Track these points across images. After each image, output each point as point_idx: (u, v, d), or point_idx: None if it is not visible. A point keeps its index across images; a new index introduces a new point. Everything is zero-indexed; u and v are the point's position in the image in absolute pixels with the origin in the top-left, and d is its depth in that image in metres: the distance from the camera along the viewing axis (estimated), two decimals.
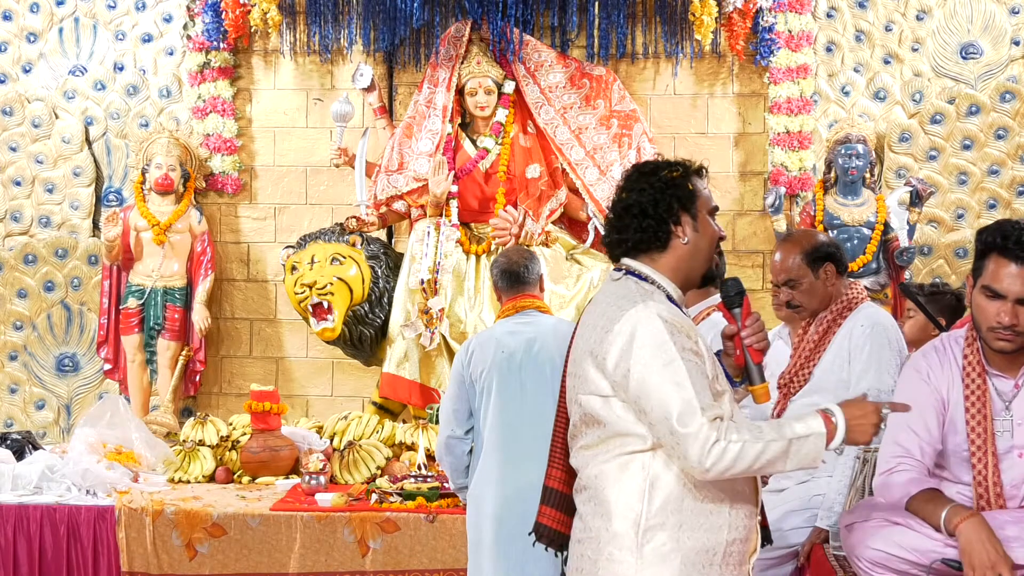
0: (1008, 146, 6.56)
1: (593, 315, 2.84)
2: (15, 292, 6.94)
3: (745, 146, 6.67)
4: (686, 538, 2.70)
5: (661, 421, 2.63)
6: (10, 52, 6.95)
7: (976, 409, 3.16)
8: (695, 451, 2.59)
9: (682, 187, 2.83)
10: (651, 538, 2.70)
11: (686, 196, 2.83)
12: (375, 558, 4.71)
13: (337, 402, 6.70)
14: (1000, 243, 3.09)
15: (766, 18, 6.46)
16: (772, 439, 2.62)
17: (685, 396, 2.61)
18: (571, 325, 4.74)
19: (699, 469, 2.61)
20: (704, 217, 2.85)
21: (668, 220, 2.81)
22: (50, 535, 4.96)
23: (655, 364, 2.64)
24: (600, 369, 2.73)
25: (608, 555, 2.73)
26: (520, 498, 4.21)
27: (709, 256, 2.88)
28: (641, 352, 2.66)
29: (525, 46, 6.36)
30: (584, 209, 6.37)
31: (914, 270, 6.48)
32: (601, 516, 2.76)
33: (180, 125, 6.83)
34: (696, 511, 2.71)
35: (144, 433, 5.60)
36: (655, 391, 2.63)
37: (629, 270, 2.85)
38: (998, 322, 3.08)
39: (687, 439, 2.59)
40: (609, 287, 2.87)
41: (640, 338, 2.67)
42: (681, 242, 2.82)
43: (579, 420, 2.84)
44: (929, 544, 3.10)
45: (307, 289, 5.99)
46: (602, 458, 2.78)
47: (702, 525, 2.72)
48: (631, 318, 2.69)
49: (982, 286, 3.12)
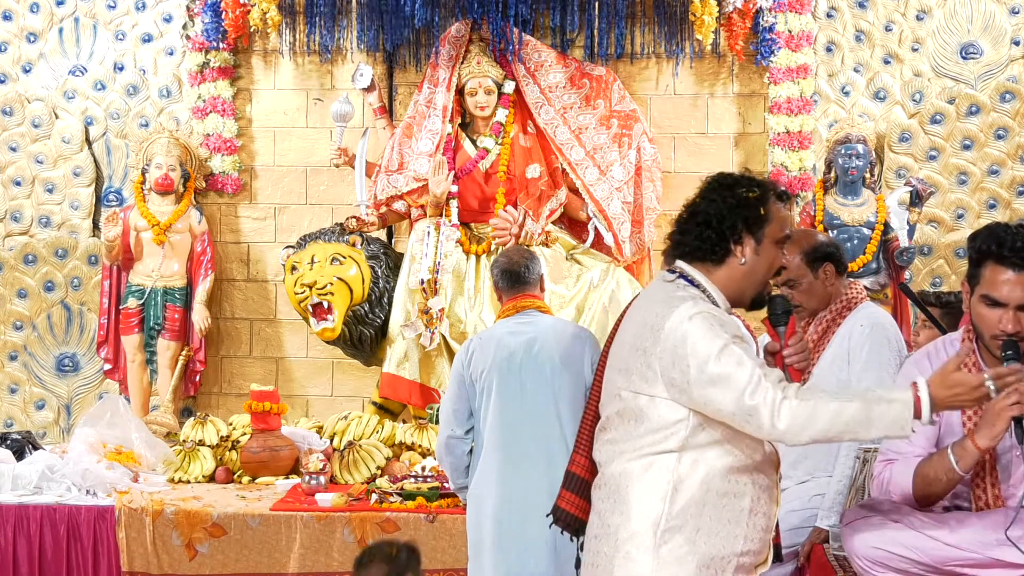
0: (1008, 146, 6.56)
1: (642, 311, 2.87)
2: (15, 292, 6.94)
3: (745, 146, 6.67)
4: (702, 543, 2.73)
5: (734, 402, 2.67)
6: (10, 52, 6.95)
7: (973, 410, 3.16)
8: (766, 415, 2.63)
9: (754, 208, 2.82)
10: (669, 539, 2.73)
11: (755, 218, 2.82)
12: None
13: (337, 402, 6.70)
14: (996, 250, 3.06)
15: (766, 18, 6.46)
16: (849, 400, 2.64)
17: (747, 371, 2.66)
18: (571, 325, 4.76)
19: (775, 433, 2.64)
20: (769, 244, 2.84)
21: (729, 237, 2.82)
22: (50, 535, 4.96)
23: (712, 354, 2.68)
24: (650, 367, 2.76)
25: (625, 553, 2.77)
26: (520, 498, 4.21)
27: (764, 281, 2.89)
28: (696, 347, 2.70)
29: (525, 46, 6.36)
30: (584, 209, 6.37)
31: (914, 270, 6.48)
32: (620, 514, 2.79)
33: (180, 125, 6.83)
34: (715, 518, 2.75)
35: (144, 433, 5.61)
36: (720, 378, 2.67)
37: (683, 274, 2.87)
38: (1001, 329, 3.07)
39: (758, 408, 2.63)
40: (660, 286, 2.89)
41: (692, 334, 2.71)
42: (738, 262, 2.83)
43: (615, 414, 2.86)
44: (929, 544, 3.11)
45: (307, 289, 5.99)
46: (628, 456, 2.80)
47: (719, 533, 2.75)
48: (679, 316, 2.73)
49: (981, 295, 3.09)
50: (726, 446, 2.77)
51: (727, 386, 2.67)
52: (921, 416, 2.66)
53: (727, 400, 2.67)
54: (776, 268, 2.89)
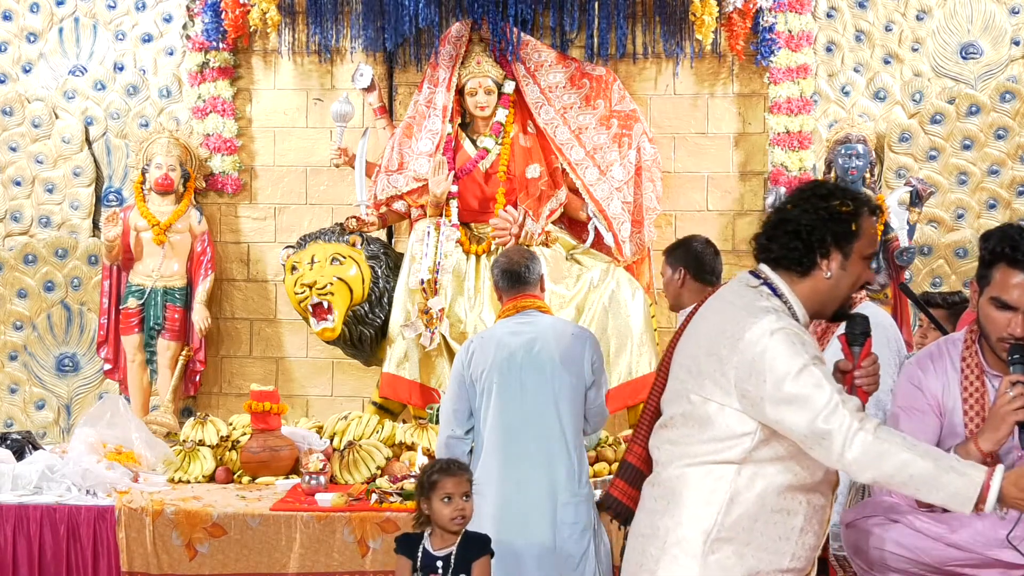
0: (1008, 146, 6.56)
1: (721, 315, 2.83)
2: (15, 292, 6.95)
3: (745, 146, 6.66)
4: (751, 556, 2.74)
5: (807, 424, 2.63)
6: (10, 52, 6.95)
7: (975, 411, 3.16)
8: (839, 442, 2.59)
9: (845, 223, 2.78)
10: (718, 549, 2.74)
11: (845, 233, 2.78)
12: (375, 558, 4.71)
13: (337, 402, 6.70)
14: (1009, 253, 3.05)
15: (766, 18, 6.45)
16: (922, 456, 2.60)
17: (826, 394, 2.62)
18: (571, 325, 4.77)
19: (842, 462, 2.61)
20: (857, 259, 2.81)
21: (817, 250, 2.78)
22: (50, 535, 4.96)
23: (791, 372, 2.65)
24: (724, 375, 2.74)
25: (672, 556, 2.77)
26: (520, 498, 4.21)
27: (847, 296, 2.86)
28: (775, 363, 2.66)
29: (525, 46, 6.36)
30: (584, 209, 6.37)
31: (914, 270, 6.48)
32: (672, 517, 2.78)
33: (180, 125, 6.83)
34: (766, 534, 2.75)
35: (144, 433, 5.60)
36: (796, 399, 2.64)
37: (767, 281, 2.83)
38: (1009, 333, 3.06)
39: (832, 433, 2.60)
40: (743, 290, 2.85)
41: (772, 350, 2.67)
42: (823, 275, 2.80)
43: (680, 414, 2.84)
44: (929, 544, 3.10)
45: (307, 289, 5.99)
46: (687, 460, 2.79)
47: (768, 548, 2.75)
48: (761, 329, 2.69)
49: (991, 297, 3.08)
50: (788, 463, 2.75)
51: (803, 407, 2.63)
52: (985, 504, 2.60)
53: (801, 421, 2.64)
54: (862, 283, 2.85)
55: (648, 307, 6.14)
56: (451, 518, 3.64)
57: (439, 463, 3.80)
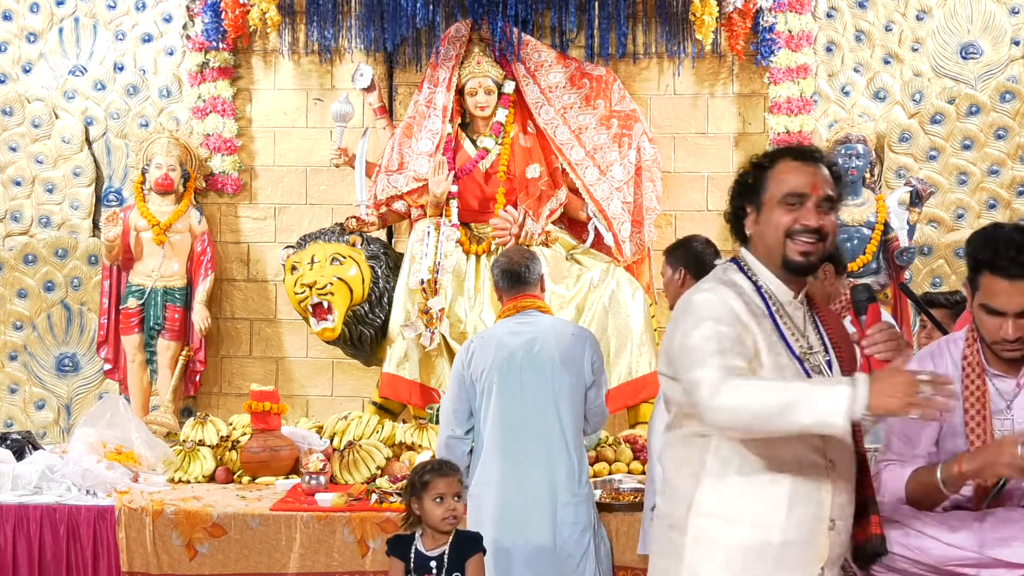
0: (1008, 146, 6.56)
1: None
2: (15, 292, 6.95)
3: (745, 146, 6.66)
4: (735, 532, 2.74)
5: (685, 372, 2.70)
6: (10, 52, 6.96)
7: (975, 410, 3.16)
8: (706, 391, 2.63)
9: (743, 183, 2.98)
10: (701, 525, 2.76)
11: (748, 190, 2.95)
12: (375, 558, 4.70)
13: (337, 402, 6.70)
14: (990, 260, 3.06)
15: (766, 18, 6.46)
16: (784, 387, 2.62)
17: (707, 347, 2.68)
18: (571, 325, 4.77)
19: (708, 408, 2.63)
20: (770, 207, 2.87)
21: (742, 218, 2.95)
22: (50, 535, 4.95)
23: (688, 326, 2.73)
24: (666, 350, 2.84)
25: (669, 537, 2.83)
26: (520, 498, 4.21)
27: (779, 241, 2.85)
28: (684, 320, 2.76)
29: (525, 46, 6.36)
30: (584, 209, 6.37)
31: (914, 270, 6.48)
32: (668, 496, 2.87)
33: (180, 125, 6.83)
34: (747, 507, 2.75)
35: (144, 433, 5.60)
36: (684, 348, 2.72)
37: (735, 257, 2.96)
38: (1002, 337, 3.07)
39: (701, 382, 2.64)
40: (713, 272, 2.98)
41: (685, 311, 2.78)
42: (753, 232, 2.92)
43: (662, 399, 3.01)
44: (929, 544, 3.10)
45: (307, 289, 5.99)
46: (671, 439, 2.88)
47: (749, 520, 2.74)
48: (691, 291, 2.84)
49: (980, 303, 3.10)
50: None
51: (685, 356, 2.71)
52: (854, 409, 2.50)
53: (681, 369, 2.72)
54: (787, 225, 2.82)
55: (648, 307, 6.14)
56: (443, 518, 3.65)
57: (430, 463, 3.82)
